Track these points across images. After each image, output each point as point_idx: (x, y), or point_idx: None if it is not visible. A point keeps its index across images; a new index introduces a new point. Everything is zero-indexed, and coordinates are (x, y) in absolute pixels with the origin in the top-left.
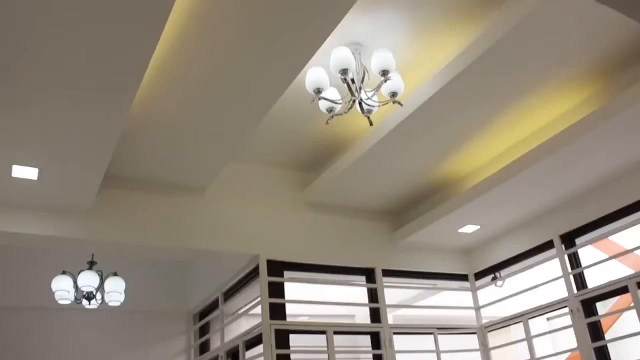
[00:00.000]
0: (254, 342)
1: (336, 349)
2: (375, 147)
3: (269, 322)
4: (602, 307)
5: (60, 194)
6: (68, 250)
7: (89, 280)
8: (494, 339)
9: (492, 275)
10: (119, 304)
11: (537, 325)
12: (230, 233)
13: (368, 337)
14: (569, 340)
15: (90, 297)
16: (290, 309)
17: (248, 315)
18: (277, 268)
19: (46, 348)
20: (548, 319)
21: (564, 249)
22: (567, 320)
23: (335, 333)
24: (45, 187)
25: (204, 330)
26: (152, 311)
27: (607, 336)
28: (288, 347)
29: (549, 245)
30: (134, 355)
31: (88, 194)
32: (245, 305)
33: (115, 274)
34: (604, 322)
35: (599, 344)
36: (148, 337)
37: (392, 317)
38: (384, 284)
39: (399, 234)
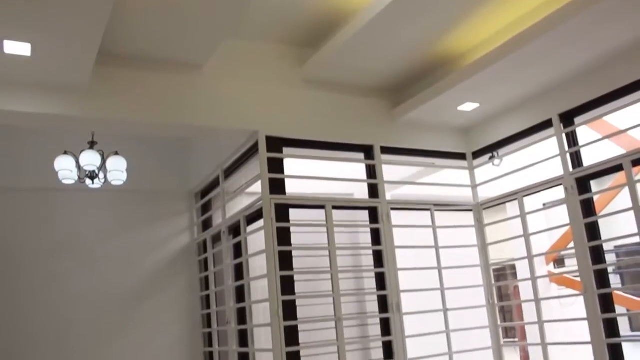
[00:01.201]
0: (254, 216)
1: (335, 223)
2: (375, 20)
3: (269, 196)
4: (597, 189)
5: (54, 71)
6: (67, 131)
7: (90, 159)
8: (489, 219)
9: (490, 154)
10: (121, 182)
11: (534, 207)
12: (229, 109)
13: (366, 213)
14: (563, 222)
15: (92, 176)
16: (289, 189)
17: (248, 195)
18: (276, 144)
19: (52, 229)
20: (544, 205)
21: (562, 127)
22: (563, 208)
23: (334, 208)
24: (39, 64)
25: (205, 208)
26: (155, 190)
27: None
28: (288, 220)
29: (547, 124)
30: (139, 233)
31: (83, 70)
32: (246, 183)
33: (116, 153)
34: (598, 206)
35: (590, 219)
36: (152, 216)
37: (389, 196)
38: (382, 161)
39: (398, 111)
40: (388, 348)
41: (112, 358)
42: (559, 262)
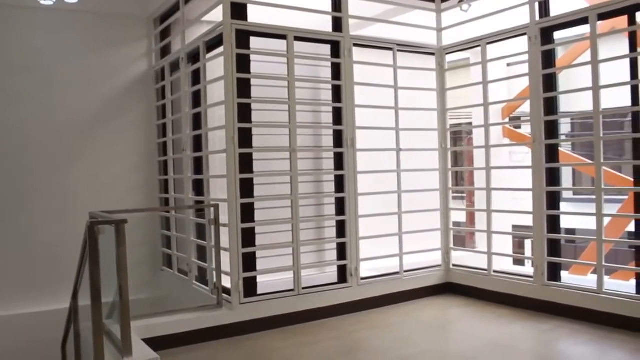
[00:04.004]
0: (214, 43)
1: (295, 54)
2: None
3: (230, 21)
4: (561, 50)
5: None
6: None
7: None
8: (450, 72)
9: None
10: (75, 0)
11: (497, 67)
12: None
13: (328, 48)
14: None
15: None
16: (251, 20)
17: (209, 23)
18: None
19: (6, 48)
20: (508, 65)
21: None
22: (525, 69)
23: (296, 39)
24: None
25: (164, 34)
26: (112, 13)
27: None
28: (248, 48)
29: None
30: (96, 58)
31: None
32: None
33: None
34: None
35: (549, 70)
36: (109, 40)
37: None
38: None
39: None
40: (340, 181)
41: (69, 181)
42: (515, 119)
